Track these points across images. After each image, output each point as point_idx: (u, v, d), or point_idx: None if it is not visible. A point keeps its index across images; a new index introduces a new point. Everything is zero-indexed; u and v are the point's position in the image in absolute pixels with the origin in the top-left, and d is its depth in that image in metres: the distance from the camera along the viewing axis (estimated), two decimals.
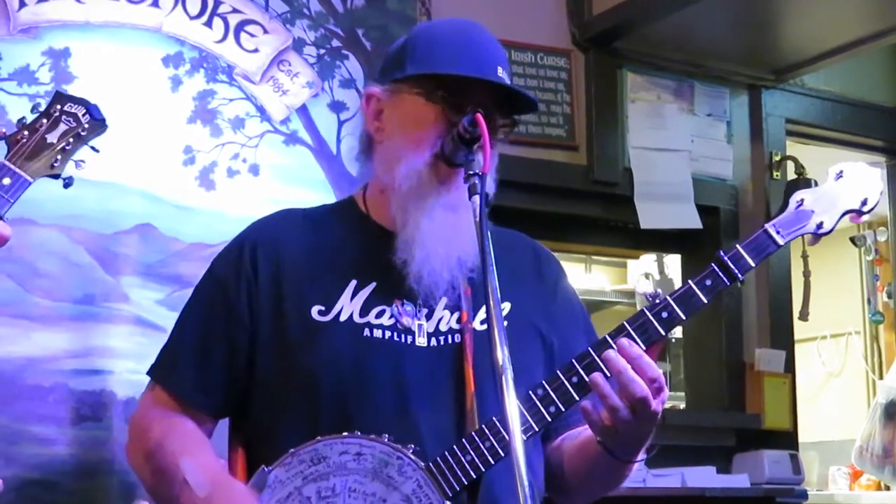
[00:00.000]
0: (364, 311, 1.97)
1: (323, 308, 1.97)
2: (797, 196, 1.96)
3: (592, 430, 1.88)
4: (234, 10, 3.18)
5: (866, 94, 4.83)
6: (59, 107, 1.94)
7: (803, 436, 4.55)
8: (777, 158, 4.48)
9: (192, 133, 3.07)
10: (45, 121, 1.92)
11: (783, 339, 4.40)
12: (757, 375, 4.26)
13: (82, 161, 1.95)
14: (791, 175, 4.46)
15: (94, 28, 2.97)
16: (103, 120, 1.97)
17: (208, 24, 3.13)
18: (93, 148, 1.97)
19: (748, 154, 4.47)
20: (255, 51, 3.20)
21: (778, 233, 1.92)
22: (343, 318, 1.96)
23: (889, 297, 6.13)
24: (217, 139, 3.10)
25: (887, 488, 5.66)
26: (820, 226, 1.93)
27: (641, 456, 1.96)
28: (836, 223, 1.94)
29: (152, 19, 3.05)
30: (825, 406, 6.58)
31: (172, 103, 3.06)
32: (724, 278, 1.89)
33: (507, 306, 2.04)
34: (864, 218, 1.98)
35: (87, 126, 1.95)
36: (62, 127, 1.92)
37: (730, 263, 1.89)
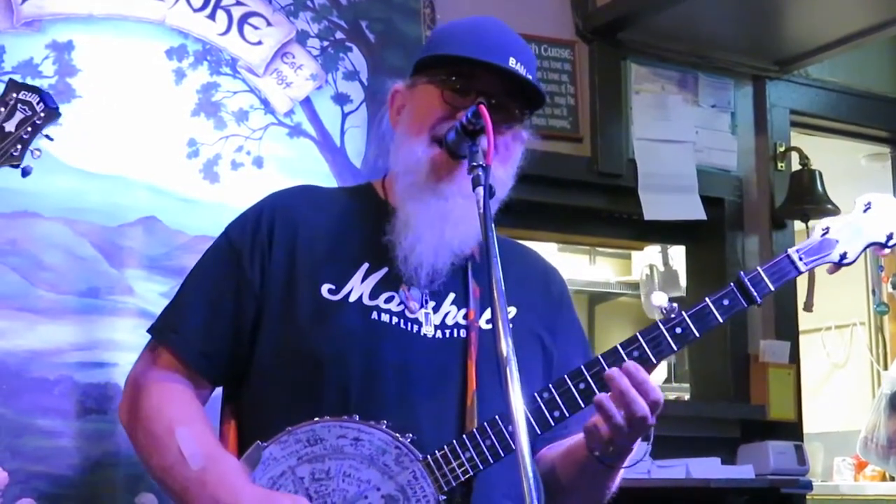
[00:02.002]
0: (373, 295, 1.98)
1: (333, 287, 1.97)
2: (823, 223, 1.97)
3: (589, 443, 1.89)
4: (238, 3, 3.18)
5: (871, 85, 4.82)
6: (14, 95, 1.92)
7: (808, 427, 4.55)
8: (781, 149, 4.48)
9: (195, 126, 3.07)
10: (2, 109, 1.91)
11: (788, 330, 4.41)
12: (762, 366, 4.26)
13: (38, 150, 1.94)
14: (795, 166, 4.47)
15: (98, 21, 2.97)
16: (57, 108, 1.96)
17: (211, 16, 3.13)
18: (47, 136, 1.96)
19: (752, 145, 4.47)
20: (259, 43, 3.20)
21: (801, 259, 1.93)
22: (352, 298, 1.97)
23: (894, 287, 6.13)
24: (221, 132, 3.10)
25: (892, 479, 5.67)
26: (843, 256, 1.95)
27: (628, 462, 1.97)
28: (859, 255, 1.96)
29: (156, 12, 3.05)
30: (830, 397, 6.59)
31: (176, 96, 3.06)
32: (743, 300, 1.91)
33: (512, 311, 2.04)
34: (885, 252, 1.99)
35: (42, 115, 1.93)
36: (18, 115, 1.91)
37: (749, 286, 1.91)
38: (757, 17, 4.11)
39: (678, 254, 5.39)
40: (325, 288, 1.97)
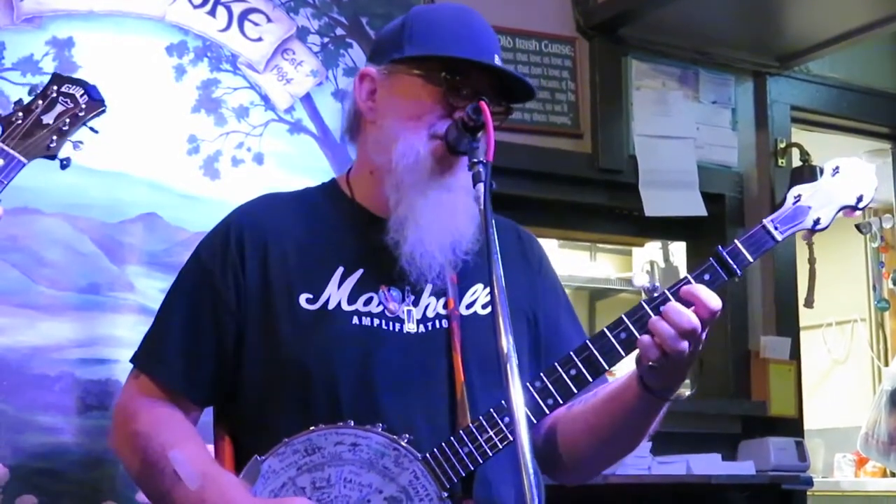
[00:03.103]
0: (352, 299, 1.96)
1: (311, 296, 1.96)
2: (794, 191, 1.97)
3: (643, 366, 1.87)
4: None
5: (871, 81, 4.82)
6: (55, 88, 1.92)
7: (809, 423, 4.56)
8: (782, 145, 4.48)
9: (196, 122, 3.07)
10: (40, 102, 1.90)
11: (788, 326, 4.41)
12: (762, 363, 4.26)
13: (80, 142, 1.93)
14: (796, 162, 4.46)
15: (98, 17, 2.97)
16: (102, 100, 1.95)
17: (212, 12, 3.13)
18: (91, 129, 1.95)
19: (753, 141, 4.47)
20: (259, 39, 3.20)
21: (776, 228, 1.93)
22: (331, 306, 1.95)
23: (894, 284, 6.13)
24: (221, 128, 3.10)
25: (893, 475, 5.67)
26: (817, 221, 1.95)
27: (674, 395, 1.95)
28: (832, 219, 1.96)
29: (156, 8, 3.05)
30: (830, 393, 6.58)
31: (176, 92, 3.06)
32: (723, 273, 1.90)
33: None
34: (857, 213, 1.99)
35: (84, 107, 1.92)
36: (59, 108, 1.90)
37: (728, 259, 1.90)
38: (758, 13, 4.11)
39: (679, 250, 5.38)
40: (302, 298, 1.96)
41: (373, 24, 3.39)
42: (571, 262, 6.09)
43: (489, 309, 1.98)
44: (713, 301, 1.83)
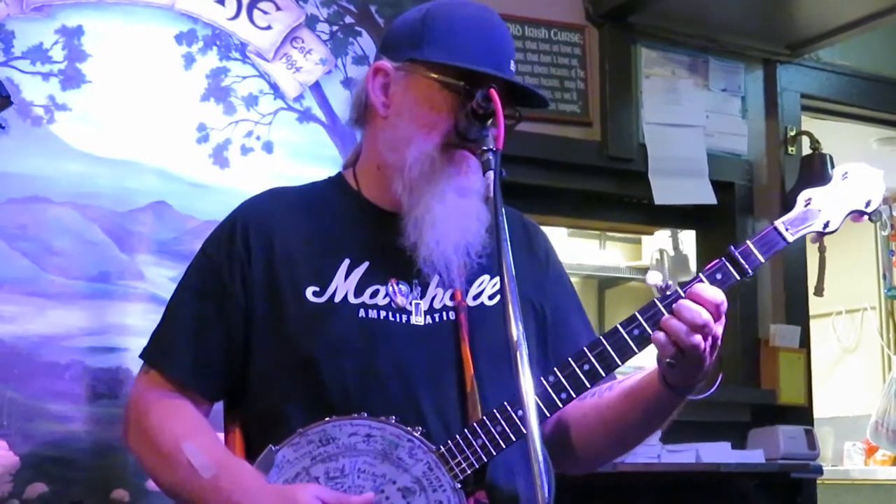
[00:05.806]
0: (358, 292, 1.96)
1: (317, 289, 1.95)
2: (805, 195, 2.00)
3: (662, 364, 1.88)
4: None
5: (881, 69, 4.80)
6: None
7: (818, 411, 4.55)
8: (792, 133, 4.46)
9: (205, 111, 3.07)
10: None
11: (798, 314, 4.40)
12: (772, 351, 4.25)
13: None
14: (806, 150, 4.45)
15: (107, 6, 2.97)
16: (8, 96, 1.95)
17: (221, 1, 3.13)
18: (1, 126, 1.95)
19: (763, 129, 4.46)
20: (268, 28, 3.20)
21: (787, 230, 1.96)
22: (338, 298, 1.95)
23: None
24: (230, 117, 3.10)
25: None
26: (827, 224, 1.99)
27: (697, 394, 1.96)
28: (841, 223, 2.00)
29: None
30: (840, 381, 6.58)
31: (186, 81, 3.06)
32: (735, 273, 1.91)
33: (498, 280, 2.02)
34: (865, 218, 2.03)
35: None
36: None
37: (740, 258, 1.91)
38: (768, 1, 4.09)
39: (688, 238, 5.38)
40: (309, 291, 1.95)
41: (382, 12, 3.39)
42: (581, 250, 6.08)
43: (496, 300, 1.99)
44: (717, 296, 1.84)
